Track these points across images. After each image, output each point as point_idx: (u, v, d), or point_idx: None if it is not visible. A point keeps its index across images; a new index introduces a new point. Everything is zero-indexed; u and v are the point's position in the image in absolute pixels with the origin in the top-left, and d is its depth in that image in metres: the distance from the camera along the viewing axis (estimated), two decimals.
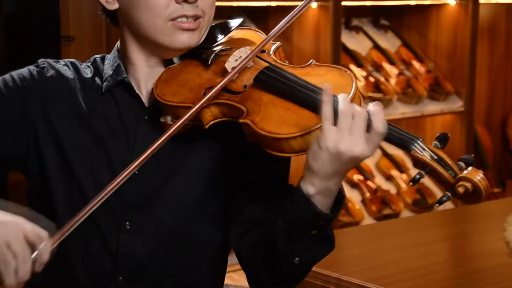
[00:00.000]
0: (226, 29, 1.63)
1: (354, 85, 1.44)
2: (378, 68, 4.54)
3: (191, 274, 1.60)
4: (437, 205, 1.41)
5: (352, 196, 4.42)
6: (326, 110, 1.36)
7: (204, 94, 1.49)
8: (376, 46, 4.62)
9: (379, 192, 4.48)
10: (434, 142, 1.42)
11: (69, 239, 1.56)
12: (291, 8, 1.55)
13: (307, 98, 1.42)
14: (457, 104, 4.63)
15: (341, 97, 1.37)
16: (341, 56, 4.14)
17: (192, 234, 1.57)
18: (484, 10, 4.91)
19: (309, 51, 4.12)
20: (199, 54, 1.58)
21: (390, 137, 1.40)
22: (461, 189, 1.38)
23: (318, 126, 1.37)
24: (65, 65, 1.66)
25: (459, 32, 4.61)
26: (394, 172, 4.59)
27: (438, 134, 1.43)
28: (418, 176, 1.39)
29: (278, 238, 1.45)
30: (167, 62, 1.60)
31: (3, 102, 1.59)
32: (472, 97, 4.65)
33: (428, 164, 1.38)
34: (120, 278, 1.56)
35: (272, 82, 1.48)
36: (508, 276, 2.41)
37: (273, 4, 4.07)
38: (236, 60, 1.53)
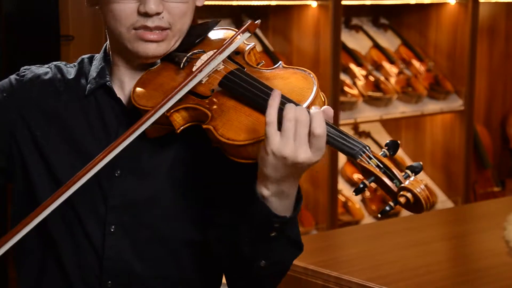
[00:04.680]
0: (203, 31, 1.62)
1: (314, 88, 1.44)
2: (378, 67, 4.55)
3: (180, 275, 1.59)
4: (379, 215, 1.40)
5: (352, 195, 4.43)
6: (270, 114, 1.36)
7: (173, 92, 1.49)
8: (376, 45, 4.62)
9: (379, 191, 4.48)
10: (383, 150, 1.41)
11: (60, 244, 1.57)
12: (291, 7, 1.56)
13: (264, 104, 1.41)
14: (457, 103, 4.63)
15: (288, 104, 1.37)
16: (340, 55, 4.14)
17: (175, 235, 1.57)
18: (484, 9, 4.91)
19: (308, 50, 4.12)
20: (176, 60, 1.58)
21: (336, 144, 1.39)
22: (402, 199, 1.35)
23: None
24: (48, 67, 1.66)
25: (459, 31, 4.61)
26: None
27: (387, 141, 1.42)
28: (361, 186, 1.37)
29: (242, 243, 1.47)
30: (148, 64, 1.60)
31: None
32: (471, 96, 4.65)
33: (373, 173, 1.37)
34: (109, 282, 1.56)
35: (234, 87, 1.47)
36: (508, 275, 2.41)
37: (273, 3, 4.07)
38: (203, 62, 1.52)
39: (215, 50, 1.52)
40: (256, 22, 1.55)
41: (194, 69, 1.52)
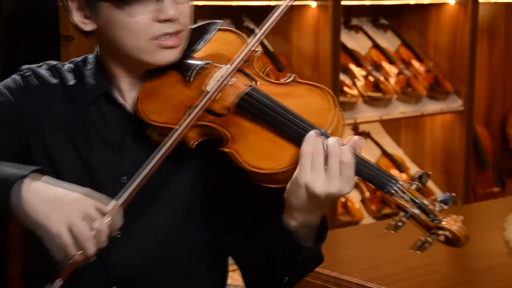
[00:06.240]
0: (205, 34, 1.60)
1: (334, 110, 1.42)
2: (378, 67, 4.54)
3: (186, 279, 1.59)
4: (418, 251, 1.42)
5: (352, 195, 4.42)
6: (307, 147, 1.36)
7: (188, 115, 1.46)
8: (376, 46, 4.62)
9: (379, 191, 4.47)
10: (415, 183, 1.41)
11: None
12: (290, 7, 1.55)
13: (291, 133, 1.41)
14: (456, 104, 4.63)
15: (314, 135, 1.37)
16: (340, 55, 4.14)
17: (182, 240, 1.57)
18: (484, 9, 4.91)
19: (308, 51, 4.12)
20: (180, 67, 1.55)
21: (365, 174, 1.40)
22: (441, 238, 1.40)
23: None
24: (48, 69, 1.62)
25: (459, 31, 4.61)
26: (394, 172, 4.59)
27: (420, 174, 1.42)
28: (399, 224, 1.41)
29: (267, 263, 1.49)
30: (148, 71, 1.57)
31: None
32: (471, 97, 4.65)
33: (408, 210, 1.40)
34: (114, 287, 1.55)
35: (255, 110, 1.45)
36: (508, 275, 2.41)
37: (273, 3, 4.07)
38: (218, 81, 1.49)
39: (228, 66, 1.48)
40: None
41: (208, 88, 1.48)
